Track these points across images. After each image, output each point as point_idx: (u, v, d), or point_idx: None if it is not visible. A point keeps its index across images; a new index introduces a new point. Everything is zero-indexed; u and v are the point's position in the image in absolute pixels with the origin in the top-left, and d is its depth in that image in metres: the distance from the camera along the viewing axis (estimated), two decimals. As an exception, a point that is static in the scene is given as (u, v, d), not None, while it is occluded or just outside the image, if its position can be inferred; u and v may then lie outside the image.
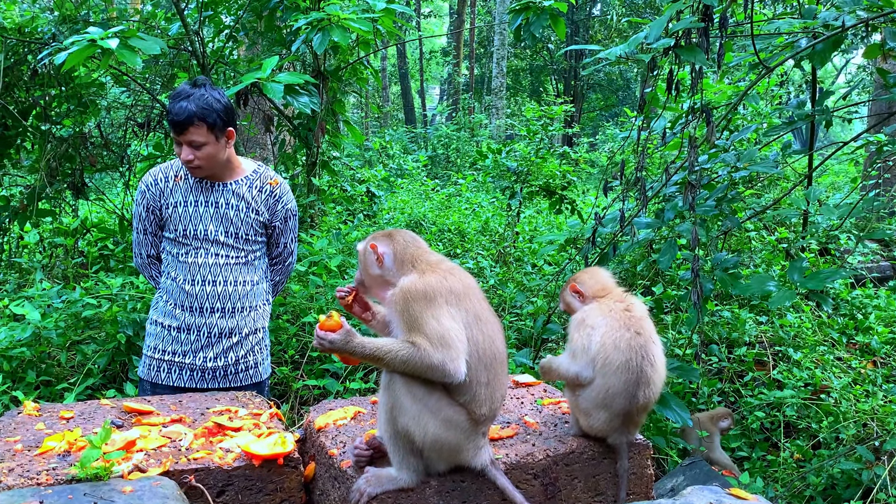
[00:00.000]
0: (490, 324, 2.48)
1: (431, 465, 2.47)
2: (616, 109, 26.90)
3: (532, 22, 4.91)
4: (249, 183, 3.47)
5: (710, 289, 4.25)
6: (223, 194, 3.41)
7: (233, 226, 3.41)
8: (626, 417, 2.66)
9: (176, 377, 3.45)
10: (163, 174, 3.43)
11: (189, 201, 3.38)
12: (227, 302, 3.43)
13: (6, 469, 2.39)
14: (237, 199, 3.42)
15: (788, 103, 5.74)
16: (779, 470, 4.59)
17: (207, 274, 3.39)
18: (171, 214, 3.38)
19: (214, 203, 3.40)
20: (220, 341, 3.45)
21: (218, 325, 3.43)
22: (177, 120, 3.21)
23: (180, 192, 3.39)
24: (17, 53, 5.87)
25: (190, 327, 3.42)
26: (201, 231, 3.38)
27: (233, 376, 3.51)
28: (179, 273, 3.41)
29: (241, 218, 3.42)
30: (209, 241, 3.38)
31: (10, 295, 5.49)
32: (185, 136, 3.23)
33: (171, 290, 3.44)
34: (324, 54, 6.38)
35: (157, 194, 3.40)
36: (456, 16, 28.95)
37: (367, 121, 22.81)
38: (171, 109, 3.22)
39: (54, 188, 6.42)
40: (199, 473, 2.48)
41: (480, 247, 8.63)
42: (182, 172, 3.42)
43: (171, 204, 3.38)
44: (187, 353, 3.44)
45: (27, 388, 4.54)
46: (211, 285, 3.39)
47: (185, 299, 3.41)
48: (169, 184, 3.40)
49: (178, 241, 3.40)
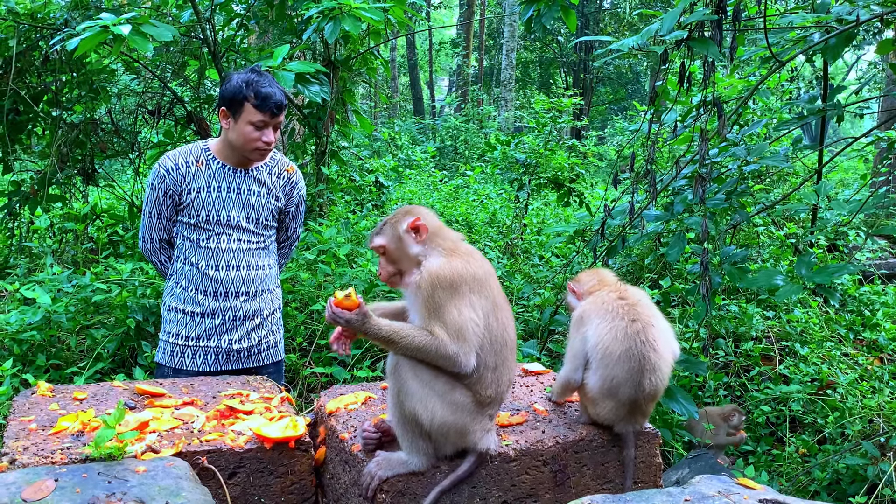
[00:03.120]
0: (504, 310, 2.52)
1: (439, 448, 2.49)
2: (625, 103, 26.83)
3: (543, 13, 4.90)
4: (269, 169, 3.54)
5: (719, 282, 4.25)
6: (245, 181, 3.46)
7: (254, 211, 3.47)
8: (633, 406, 2.67)
9: (201, 362, 3.49)
10: (184, 159, 3.44)
11: (213, 187, 3.42)
12: (251, 286, 3.49)
13: (21, 448, 2.42)
14: (259, 185, 3.48)
15: (799, 98, 5.73)
16: (784, 464, 4.59)
17: (231, 259, 3.44)
18: (194, 200, 3.40)
19: (237, 189, 3.44)
20: (244, 324, 3.52)
21: (243, 308, 3.49)
22: (278, 101, 3.30)
23: (203, 178, 3.41)
24: (29, 39, 5.88)
25: (215, 312, 3.46)
26: (224, 217, 3.42)
27: (255, 356, 3.59)
28: (201, 259, 3.43)
29: (263, 204, 3.49)
30: (231, 226, 3.43)
31: (21, 279, 5.53)
32: (278, 117, 3.34)
33: (192, 275, 3.46)
34: (334, 44, 6.38)
35: (178, 179, 3.40)
36: (466, 7, 28.86)
37: (376, 111, 22.80)
38: (267, 93, 3.27)
39: (65, 174, 6.45)
40: (211, 455, 2.51)
41: (488, 238, 8.64)
42: (203, 157, 3.45)
43: (193, 189, 3.40)
44: (212, 336, 3.48)
45: (37, 371, 4.57)
46: (235, 270, 3.45)
47: (208, 284, 3.44)
48: (191, 169, 3.42)
49: (200, 226, 3.42)
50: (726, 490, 2.25)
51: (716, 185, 4.61)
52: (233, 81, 3.35)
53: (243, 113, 3.30)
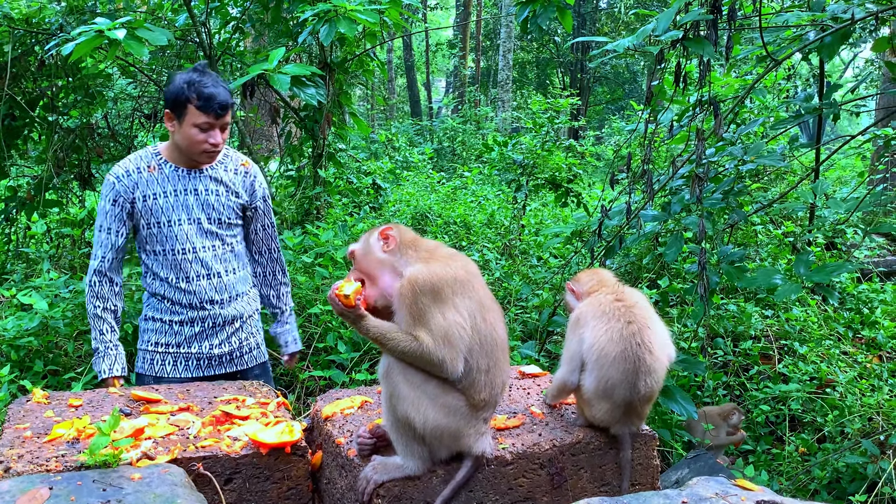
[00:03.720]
0: (492, 311, 2.49)
1: (434, 451, 2.48)
2: (622, 103, 26.84)
3: (539, 14, 4.90)
4: (224, 166, 3.42)
5: (717, 282, 4.25)
6: (201, 180, 3.35)
7: (214, 211, 3.35)
8: (629, 408, 2.66)
9: (182, 368, 3.43)
10: (134, 165, 3.30)
11: (168, 191, 3.29)
12: (224, 292, 3.42)
13: (16, 455, 2.40)
14: (216, 183, 3.37)
15: (796, 97, 5.72)
16: (784, 463, 4.59)
17: (200, 268, 3.34)
18: (151, 206, 3.27)
19: (194, 190, 3.33)
20: (223, 329, 3.46)
21: (221, 315, 3.43)
22: (221, 102, 3.18)
23: (157, 183, 3.29)
24: (24, 44, 5.89)
25: (193, 320, 3.39)
26: (184, 220, 3.30)
27: (238, 360, 3.53)
28: (170, 272, 3.33)
29: (223, 202, 3.37)
30: (193, 231, 3.32)
31: (18, 285, 5.52)
32: (224, 118, 3.23)
33: (163, 289, 3.36)
34: (330, 46, 6.38)
35: (129, 186, 3.26)
36: (462, 8, 28.86)
37: (372, 113, 22.78)
38: (210, 94, 3.16)
39: (61, 179, 6.44)
40: (206, 461, 2.49)
41: (486, 239, 8.63)
42: (155, 162, 3.31)
43: (148, 195, 3.27)
44: (192, 343, 3.42)
45: (34, 377, 4.56)
46: (206, 279, 3.36)
47: (182, 297, 3.35)
48: (143, 175, 3.28)
49: (161, 235, 3.30)
50: (724, 492, 2.24)
51: (713, 184, 4.61)
52: (175, 82, 3.22)
53: (187, 115, 3.18)
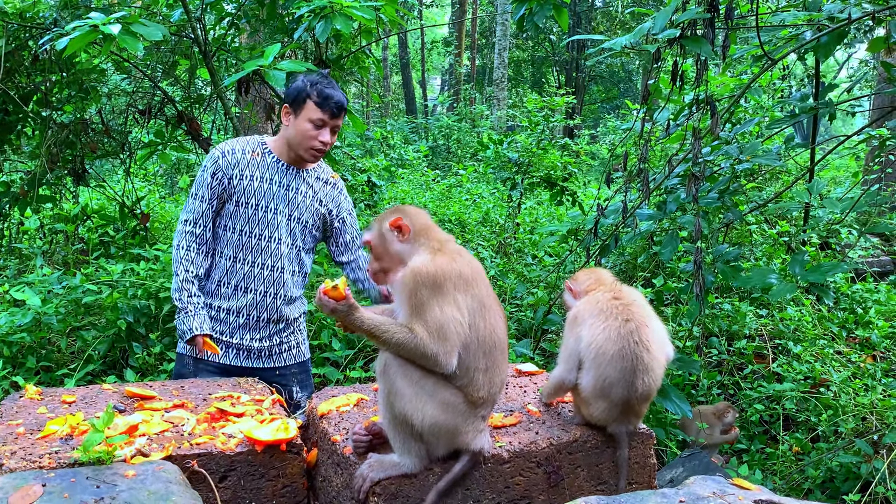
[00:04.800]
0: (493, 311, 2.47)
1: (432, 449, 2.46)
2: (618, 101, 26.86)
3: (535, 12, 4.88)
4: (317, 175, 3.59)
5: (712, 281, 4.25)
6: (295, 179, 3.50)
7: (297, 210, 3.50)
8: (626, 407, 2.66)
9: (222, 354, 3.50)
10: (240, 146, 3.47)
11: (265, 177, 3.44)
12: (281, 288, 3.51)
13: (8, 452, 2.39)
14: (306, 186, 3.53)
15: (791, 96, 5.72)
16: (777, 463, 4.60)
17: (268, 259, 3.46)
18: (246, 186, 3.41)
19: (287, 185, 3.48)
20: (268, 325, 3.53)
21: (268, 309, 3.50)
22: (338, 102, 3.37)
23: (256, 167, 3.44)
24: (18, 38, 5.84)
25: (240, 310, 3.47)
26: (271, 208, 3.44)
27: (277, 356, 3.60)
28: (239, 252, 3.44)
29: (307, 205, 3.52)
30: (276, 221, 3.45)
31: (11, 280, 5.49)
32: (337, 120, 3.40)
33: (226, 269, 3.46)
34: (326, 43, 6.34)
35: (231, 163, 3.42)
36: (458, 5, 28.84)
37: (368, 110, 22.75)
38: (330, 94, 3.35)
39: (55, 174, 6.41)
40: (201, 458, 2.48)
41: (481, 238, 8.63)
42: (259, 150, 3.48)
43: (245, 175, 3.42)
44: (234, 333, 3.50)
45: (27, 373, 4.55)
46: (269, 270, 3.47)
47: (241, 280, 3.45)
48: (246, 156, 3.45)
49: (246, 216, 3.42)
50: (721, 491, 2.23)
51: (708, 183, 4.61)
52: (298, 81, 3.43)
53: (304, 110, 3.36)
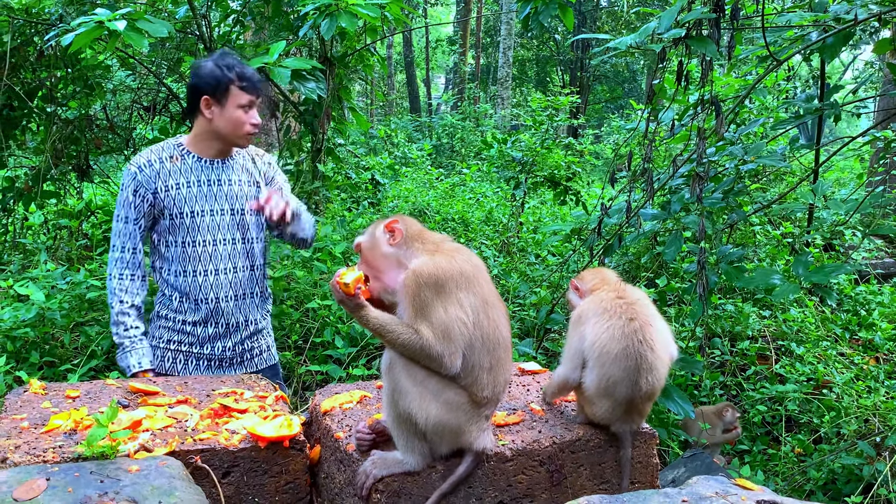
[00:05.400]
0: (496, 308, 2.47)
1: (435, 448, 2.46)
2: (622, 101, 26.83)
3: (540, 11, 4.89)
4: (243, 155, 3.43)
5: (715, 281, 4.24)
6: (224, 171, 3.34)
7: (238, 202, 3.34)
8: (630, 406, 2.66)
9: (193, 367, 3.39)
10: (156, 156, 3.27)
11: (191, 181, 3.27)
12: (240, 288, 3.39)
13: (12, 446, 2.39)
14: (237, 174, 3.36)
15: (796, 97, 5.72)
16: (779, 464, 4.59)
17: (218, 262, 3.32)
18: (174, 197, 3.23)
19: (217, 181, 3.31)
20: (237, 330, 3.41)
21: (234, 314, 3.39)
22: (259, 80, 3.26)
23: (180, 174, 3.26)
24: (23, 34, 5.86)
25: (206, 320, 3.35)
26: (207, 211, 3.28)
27: (248, 362, 3.49)
28: (188, 264, 3.29)
29: (245, 192, 3.36)
30: (215, 223, 3.30)
31: (15, 276, 5.50)
32: (261, 96, 3.28)
33: (178, 283, 3.32)
34: (331, 40, 6.35)
35: (151, 176, 3.22)
36: (463, 4, 28.83)
37: (372, 108, 22.75)
38: (249, 73, 3.22)
39: (59, 170, 6.42)
40: (204, 454, 2.48)
41: (484, 236, 8.63)
42: (177, 153, 3.29)
43: (170, 186, 3.23)
44: (204, 343, 3.38)
45: (31, 368, 4.55)
46: (223, 273, 3.33)
47: (197, 291, 3.31)
48: (165, 165, 3.25)
49: (183, 226, 3.26)
50: (724, 491, 2.23)
51: (713, 184, 4.60)
52: (206, 68, 3.20)
53: (230, 97, 3.18)
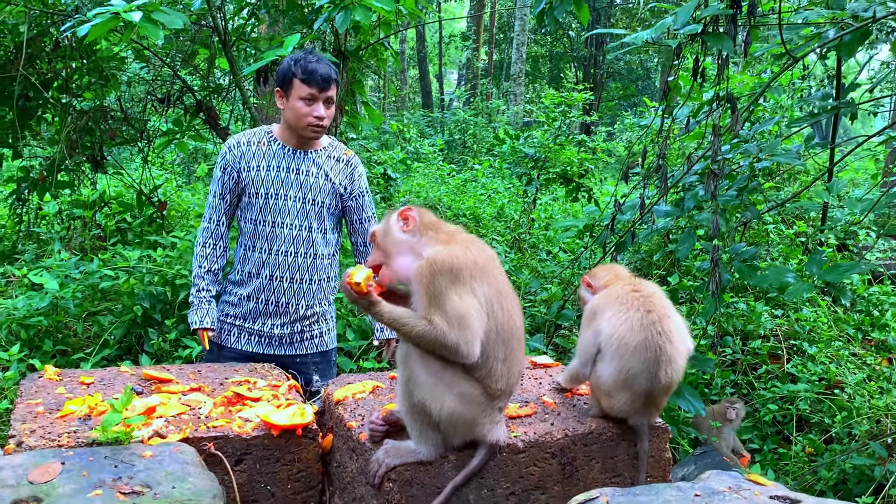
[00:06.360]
0: (509, 298, 2.47)
1: (448, 438, 2.47)
2: (635, 99, 26.71)
3: (555, 6, 4.87)
4: (328, 153, 3.59)
5: (728, 279, 4.23)
6: (304, 162, 3.51)
7: (311, 192, 3.50)
8: (649, 398, 2.65)
9: (245, 341, 3.57)
10: (246, 139, 3.53)
11: (272, 166, 3.47)
12: (296, 272, 3.52)
13: (28, 430, 2.41)
14: (317, 168, 3.53)
15: (812, 96, 5.68)
16: (790, 463, 4.58)
17: (275, 243, 3.48)
18: (254, 178, 3.46)
19: (296, 170, 3.49)
20: (287, 310, 3.54)
21: (286, 294, 3.52)
22: (324, 74, 3.35)
23: (263, 157, 3.48)
24: (39, 25, 5.88)
25: (259, 295, 3.52)
26: (282, 195, 3.46)
27: (298, 344, 3.62)
28: (258, 240, 3.49)
29: (320, 186, 3.52)
30: (289, 207, 3.47)
31: (29, 264, 5.53)
32: (327, 91, 3.38)
33: (246, 258, 3.53)
34: (345, 34, 6.35)
35: (237, 156, 3.48)
36: (477, 0, 28.77)
37: (384, 103, 22.76)
38: (314, 68, 3.34)
39: (74, 160, 6.45)
40: (218, 441, 2.50)
41: (495, 232, 8.63)
42: (266, 139, 3.52)
43: (252, 167, 3.47)
44: (256, 319, 3.55)
45: (44, 356, 4.58)
46: (280, 255, 3.49)
47: (260, 267, 3.50)
48: (252, 147, 3.49)
49: (258, 206, 3.47)
50: (737, 486, 2.23)
51: (727, 181, 4.58)
52: (283, 63, 3.43)
53: (293, 89, 3.37)
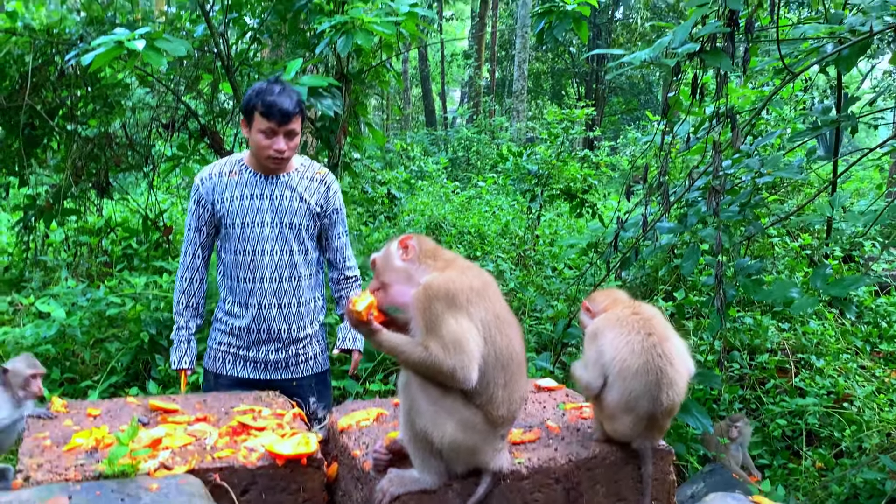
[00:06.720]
0: (509, 324, 2.47)
1: (451, 466, 2.47)
2: (638, 113, 26.76)
3: (555, 25, 4.91)
4: (301, 174, 3.58)
5: (733, 294, 4.22)
6: (277, 187, 3.50)
7: (287, 216, 3.50)
8: (651, 421, 2.64)
9: (241, 368, 3.59)
10: (217, 170, 3.52)
11: (245, 195, 3.47)
12: (283, 297, 3.54)
13: (35, 464, 2.42)
14: (290, 190, 3.52)
15: (813, 108, 5.69)
16: (800, 478, 4.55)
17: (257, 271, 3.48)
18: (228, 208, 3.46)
19: (269, 195, 3.49)
20: (279, 336, 3.56)
21: (276, 321, 3.54)
22: (284, 109, 3.31)
23: (236, 187, 3.48)
24: (45, 54, 5.95)
25: (250, 325, 3.53)
26: (258, 222, 3.47)
27: (294, 367, 3.64)
28: (239, 270, 3.50)
29: (296, 208, 3.51)
30: (266, 234, 3.48)
31: (36, 293, 5.56)
32: (287, 125, 3.35)
33: (231, 287, 3.55)
34: (347, 57, 6.39)
35: (210, 188, 3.48)
36: (478, 19, 28.92)
37: (388, 123, 22.85)
38: (273, 101, 3.30)
39: (80, 187, 6.50)
40: (223, 472, 2.50)
41: (500, 249, 8.63)
42: (237, 168, 3.51)
43: (225, 197, 3.46)
44: (250, 347, 3.56)
45: (52, 384, 4.60)
46: (269, 282, 3.50)
47: (246, 297, 3.51)
48: (224, 178, 3.49)
49: (235, 235, 3.48)
50: (742, 508, 2.22)
51: (730, 196, 4.59)
52: (248, 92, 3.44)
53: (254, 121, 3.36)
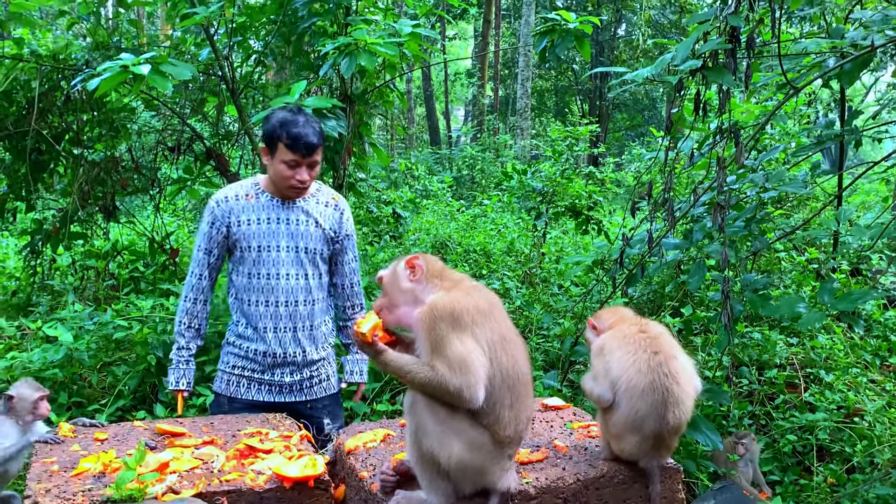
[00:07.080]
0: (514, 344, 2.47)
1: (458, 487, 2.46)
2: (642, 129, 26.81)
3: (557, 44, 4.94)
4: (316, 200, 3.62)
5: (741, 310, 4.21)
6: (293, 211, 3.54)
7: (303, 240, 3.53)
8: (658, 440, 2.63)
9: (255, 391, 3.60)
10: (233, 192, 3.56)
11: (261, 218, 3.50)
12: (298, 321, 3.56)
13: (43, 490, 2.42)
14: (306, 215, 3.56)
15: (817, 123, 5.70)
16: (812, 495, 4.51)
17: (273, 294, 3.51)
18: (244, 231, 3.49)
19: (286, 220, 3.53)
20: (294, 359, 3.58)
21: (290, 344, 3.56)
22: (309, 142, 3.38)
23: (252, 210, 3.51)
24: (51, 80, 5.99)
25: (266, 348, 3.54)
26: (274, 247, 3.50)
27: (308, 389, 3.66)
28: (252, 294, 3.52)
29: (311, 233, 3.56)
30: (281, 259, 3.50)
31: (43, 317, 5.57)
32: (310, 157, 3.42)
33: (244, 311, 3.56)
34: (350, 78, 6.43)
35: (226, 210, 3.51)
36: (480, 38, 29.07)
37: (392, 142, 22.91)
38: (298, 134, 3.36)
39: (86, 211, 6.52)
40: (231, 495, 2.50)
41: (506, 268, 8.62)
42: (253, 192, 3.55)
43: (242, 221, 3.50)
44: (265, 371, 3.58)
45: (59, 409, 4.60)
46: (284, 306, 3.52)
47: (258, 320, 3.53)
48: (240, 201, 3.52)
49: (250, 259, 3.50)
50: (753, 527, 2.20)
51: (735, 212, 4.58)
52: (271, 120, 3.46)
53: (278, 151, 3.41)
